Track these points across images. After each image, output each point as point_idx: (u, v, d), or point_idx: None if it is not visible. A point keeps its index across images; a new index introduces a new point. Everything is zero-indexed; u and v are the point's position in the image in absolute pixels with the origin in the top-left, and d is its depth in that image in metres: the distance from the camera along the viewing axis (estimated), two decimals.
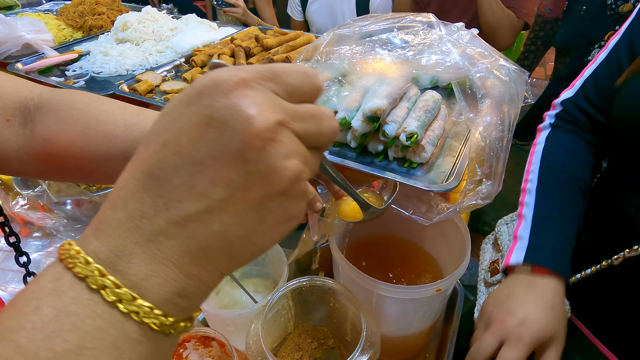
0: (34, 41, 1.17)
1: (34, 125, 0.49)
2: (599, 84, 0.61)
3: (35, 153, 0.50)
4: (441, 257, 0.84)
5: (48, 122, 0.49)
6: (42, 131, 0.49)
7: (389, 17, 0.68)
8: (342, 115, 0.76)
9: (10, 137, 0.49)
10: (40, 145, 0.49)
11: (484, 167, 0.59)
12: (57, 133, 0.49)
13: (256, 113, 0.19)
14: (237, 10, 1.78)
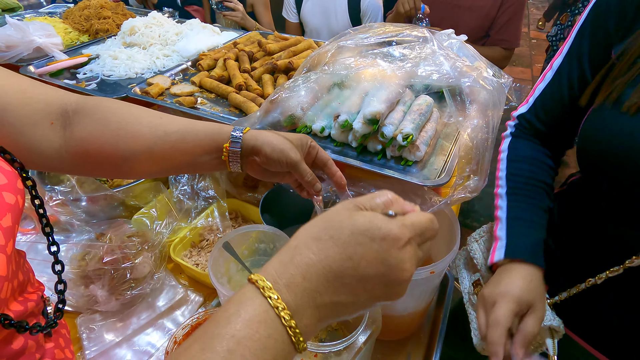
0: (44, 45, 1.22)
1: (73, 127, 0.57)
2: (546, 105, 0.70)
3: (74, 151, 0.58)
4: (433, 246, 0.92)
5: (85, 124, 0.57)
6: (80, 132, 0.57)
7: (387, 30, 0.76)
8: (344, 118, 0.84)
9: (53, 137, 0.57)
10: (78, 144, 0.58)
11: (471, 164, 0.67)
12: (93, 133, 0.57)
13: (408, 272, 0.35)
14: (237, 14, 1.84)
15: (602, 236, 0.66)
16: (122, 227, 0.90)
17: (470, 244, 0.81)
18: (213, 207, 1.04)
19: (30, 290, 0.50)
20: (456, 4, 1.70)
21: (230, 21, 1.90)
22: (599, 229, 0.66)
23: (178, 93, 1.07)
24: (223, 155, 0.60)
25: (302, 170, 0.60)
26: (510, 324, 0.58)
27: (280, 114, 0.82)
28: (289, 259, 0.34)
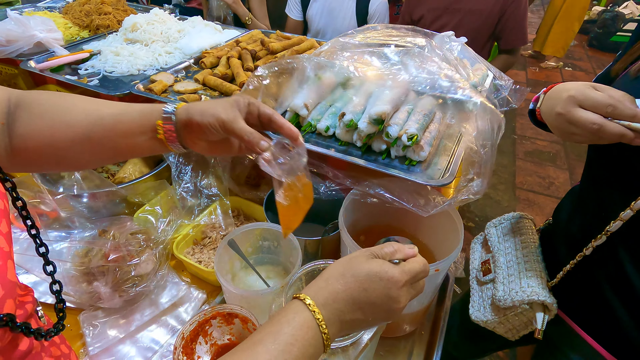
0: (45, 40, 1.21)
1: (14, 124, 0.56)
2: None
3: (17, 148, 0.56)
4: (435, 246, 0.94)
5: (23, 120, 0.56)
6: (19, 128, 0.56)
7: (391, 34, 0.77)
8: (349, 117, 0.85)
9: (3, 137, 0.55)
10: (19, 141, 0.56)
11: (475, 167, 0.68)
12: (31, 127, 0.56)
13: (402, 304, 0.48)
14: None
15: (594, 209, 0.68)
16: (126, 225, 0.90)
17: (488, 228, 0.87)
18: (216, 204, 1.04)
19: (21, 293, 0.48)
20: (456, 8, 1.72)
21: (221, 4, 1.88)
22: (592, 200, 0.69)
23: (181, 90, 1.07)
24: (158, 134, 0.57)
25: (239, 130, 0.55)
26: None
27: (286, 113, 0.83)
28: (324, 287, 0.48)
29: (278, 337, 0.43)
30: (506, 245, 0.90)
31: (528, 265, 0.76)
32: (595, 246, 0.63)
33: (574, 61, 5.23)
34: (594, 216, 0.67)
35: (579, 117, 0.54)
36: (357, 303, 0.46)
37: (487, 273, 0.82)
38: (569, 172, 3.18)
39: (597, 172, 0.68)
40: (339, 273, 0.48)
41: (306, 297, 0.46)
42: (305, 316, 0.45)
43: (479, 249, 0.99)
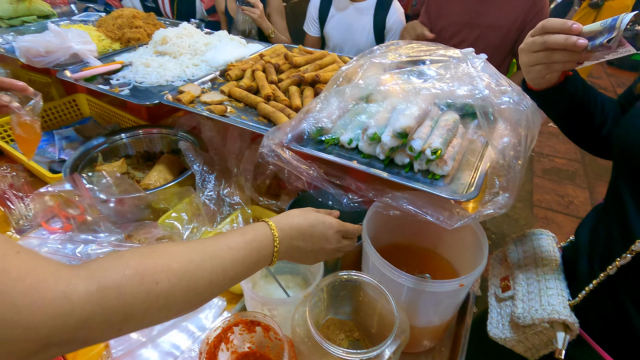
0: (81, 51, 1.27)
1: None
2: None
3: None
4: (457, 262, 0.93)
5: None
6: None
7: (420, 49, 0.78)
8: (373, 131, 0.86)
9: None
10: None
11: (502, 180, 0.68)
12: None
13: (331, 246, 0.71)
14: (255, 11, 1.89)
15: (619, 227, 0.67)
16: (153, 230, 0.92)
17: (508, 244, 0.87)
18: (237, 213, 1.06)
19: None
20: (476, 24, 1.73)
21: (247, 18, 1.95)
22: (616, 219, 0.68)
23: (208, 101, 1.10)
24: None
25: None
26: None
27: (312, 125, 0.85)
28: (284, 218, 0.66)
29: (244, 235, 0.57)
30: (526, 262, 0.89)
31: (549, 283, 0.74)
32: (619, 266, 0.62)
33: (593, 79, 5.17)
34: (618, 235, 0.66)
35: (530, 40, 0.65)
36: (303, 234, 0.66)
37: (506, 289, 0.80)
38: (588, 191, 3.11)
39: (621, 190, 0.67)
40: (296, 213, 0.69)
41: (269, 220, 0.63)
42: (266, 230, 0.61)
43: (498, 265, 0.98)
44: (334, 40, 2.11)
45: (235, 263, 0.53)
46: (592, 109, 0.78)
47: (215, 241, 0.54)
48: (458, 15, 1.74)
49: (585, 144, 0.88)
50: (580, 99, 0.76)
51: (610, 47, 0.58)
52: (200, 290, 0.48)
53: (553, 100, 0.77)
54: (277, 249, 0.61)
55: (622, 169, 0.67)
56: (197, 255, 0.49)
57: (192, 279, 0.47)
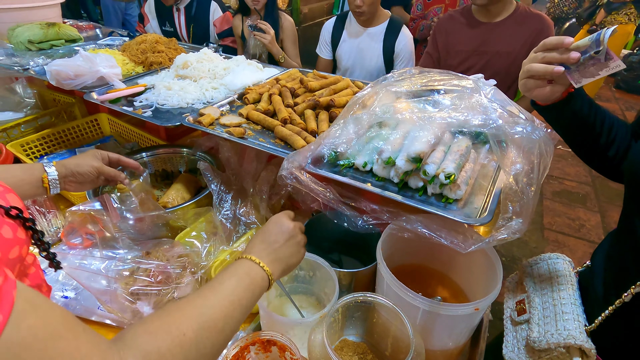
0: (107, 75, 1.33)
1: None
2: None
3: None
4: (468, 287, 0.94)
5: None
6: None
7: (434, 78, 0.82)
8: (388, 155, 0.89)
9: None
10: None
11: (515, 206, 0.70)
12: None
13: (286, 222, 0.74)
14: (266, 37, 1.97)
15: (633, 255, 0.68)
16: (172, 248, 0.95)
17: (524, 267, 0.88)
18: (252, 232, 1.09)
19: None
20: (483, 51, 1.78)
21: (258, 43, 2.04)
22: (630, 247, 0.69)
23: (227, 124, 1.14)
24: (44, 183, 0.83)
25: (107, 170, 0.94)
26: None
27: (330, 150, 0.88)
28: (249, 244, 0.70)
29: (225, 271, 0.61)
30: (542, 285, 0.89)
31: (565, 307, 0.75)
32: (635, 293, 0.63)
33: (601, 102, 5.19)
34: (632, 263, 0.67)
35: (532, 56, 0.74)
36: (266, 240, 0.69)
37: (522, 313, 0.81)
38: (600, 215, 3.08)
39: (634, 219, 0.69)
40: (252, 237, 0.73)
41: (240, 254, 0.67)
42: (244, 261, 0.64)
43: (514, 288, 0.98)
44: (345, 64, 2.17)
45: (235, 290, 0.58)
46: (598, 128, 0.80)
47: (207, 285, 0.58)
48: (466, 43, 1.79)
49: (592, 162, 0.90)
50: (584, 117, 0.79)
51: (600, 59, 0.64)
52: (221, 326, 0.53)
53: (557, 115, 0.81)
54: (263, 265, 0.64)
55: (634, 200, 0.69)
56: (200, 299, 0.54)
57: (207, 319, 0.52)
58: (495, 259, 0.78)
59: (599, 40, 0.63)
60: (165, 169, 1.41)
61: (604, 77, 4.56)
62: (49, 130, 1.58)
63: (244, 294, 0.58)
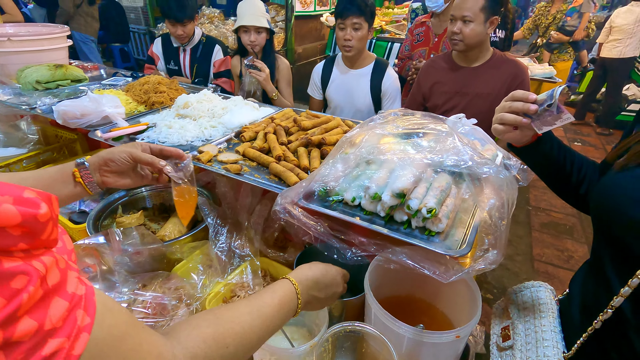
0: (112, 114, 1.42)
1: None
2: None
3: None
4: (454, 315, 0.98)
5: None
6: None
7: (414, 121, 0.91)
8: (374, 191, 0.96)
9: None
10: None
11: (490, 238, 0.76)
12: None
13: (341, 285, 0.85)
14: (261, 74, 2.09)
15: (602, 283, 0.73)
16: (170, 281, 0.98)
17: (509, 294, 0.93)
18: (247, 264, 1.13)
19: None
20: (464, 92, 1.92)
21: (254, 80, 2.17)
22: (600, 275, 0.74)
23: (224, 160, 1.22)
24: (77, 178, 0.78)
25: (143, 156, 0.83)
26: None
27: (320, 185, 0.95)
28: (301, 272, 0.76)
29: (274, 293, 0.68)
30: (526, 312, 0.94)
31: (545, 334, 0.79)
32: (603, 320, 0.68)
33: (583, 137, 5.43)
34: (602, 290, 0.72)
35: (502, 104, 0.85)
36: (318, 284, 0.76)
37: (507, 339, 0.85)
38: (587, 246, 3.14)
39: (601, 252, 0.75)
40: (308, 266, 0.79)
41: (290, 277, 0.73)
42: (290, 287, 0.71)
43: (500, 315, 1.02)
44: (335, 102, 2.30)
45: (273, 318, 0.64)
46: (568, 168, 0.89)
47: (255, 301, 0.64)
48: (448, 85, 1.93)
49: (567, 198, 0.98)
50: (555, 158, 0.88)
51: (553, 111, 0.75)
52: (253, 345, 0.60)
53: (530, 156, 0.91)
54: (300, 301, 0.71)
55: (599, 233, 0.76)
56: (248, 317, 0.61)
57: (246, 337, 0.58)
58: (475, 288, 0.83)
59: (552, 95, 0.73)
60: (163, 203, 1.46)
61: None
62: (50, 165, 1.64)
63: (278, 322, 0.66)
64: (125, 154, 0.82)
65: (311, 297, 0.75)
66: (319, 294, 0.76)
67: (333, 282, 0.80)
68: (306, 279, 0.74)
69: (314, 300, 0.76)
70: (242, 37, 2.19)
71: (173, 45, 2.55)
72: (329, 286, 0.78)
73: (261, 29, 2.16)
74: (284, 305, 0.67)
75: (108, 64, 6.04)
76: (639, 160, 0.65)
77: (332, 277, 0.80)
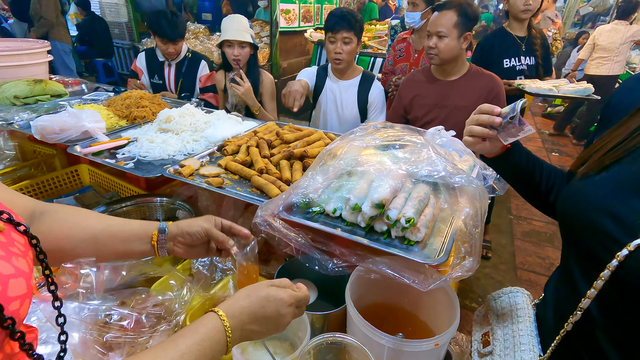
0: (92, 129, 1.40)
1: (37, 224, 0.75)
2: None
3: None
4: (434, 324, 0.99)
5: (47, 222, 0.76)
6: (41, 227, 0.75)
7: (390, 133, 0.94)
8: (354, 202, 0.97)
9: None
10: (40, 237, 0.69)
11: (466, 246, 0.78)
12: (52, 227, 0.76)
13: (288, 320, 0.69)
14: (239, 88, 2.11)
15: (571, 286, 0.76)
16: (147, 298, 0.97)
17: (488, 301, 0.92)
18: (229, 278, 1.12)
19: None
20: (443, 105, 1.98)
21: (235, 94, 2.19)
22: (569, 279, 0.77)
23: (206, 174, 1.22)
24: (152, 240, 0.81)
25: (216, 234, 0.84)
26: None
27: (300, 197, 0.96)
28: (233, 303, 0.66)
29: (195, 335, 0.60)
30: (504, 318, 0.96)
31: (522, 339, 0.81)
32: (574, 322, 0.70)
33: (560, 147, 5.62)
34: (571, 293, 0.75)
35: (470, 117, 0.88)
36: (256, 316, 0.66)
37: (487, 345, 0.86)
38: None
39: (568, 256, 0.78)
40: (246, 294, 0.68)
41: (219, 310, 0.64)
42: (216, 323, 0.62)
43: (480, 322, 1.04)
44: (324, 111, 2.33)
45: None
46: (537, 177, 0.93)
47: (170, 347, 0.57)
48: (428, 97, 1.99)
49: (538, 206, 1.01)
50: (524, 168, 0.92)
51: (515, 124, 0.80)
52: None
53: (501, 166, 0.94)
54: (230, 339, 0.62)
55: (566, 238, 0.79)
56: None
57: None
58: (454, 296, 0.85)
59: (514, 108, 0.77)
60: (144, 218, 1.44)
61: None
62: (28, 181, 1.60)
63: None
64: (202, 229, 0.84)
65: (246, 331, 0.65)
66: (258, 327, 0.66)
67: (275, 314, 0.67)
68: (240, 313, 0.64)
69: (251, 333, 0.66)
70: (226, 52, 2.22)
71: (158, 60, 2.56)
72: (270, 319, 0.66)
73: (245, 43, 2.19)
74: (206, 349, 0.59)
75: (91, 79, 5.99)
76: (598, 168, 0.69)
77: (274, 308, 0.67)
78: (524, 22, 2.47)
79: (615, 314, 0.65)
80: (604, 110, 0.81)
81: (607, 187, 0.65)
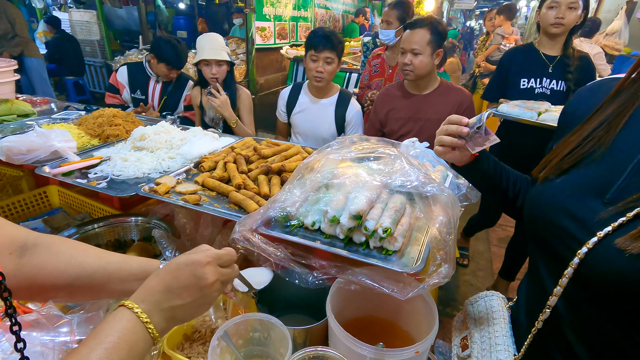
0: (61, 149, 1.36)
1: (29, 257, 0.70)
2: None
3: (24, 276, 0.69)
4: (415, 332, 1.00)
5: (40, 255, 0.71)
6: (34, 260, 0.70)
7: (365, 146, 0.97)
8: (332, 214, 0.98)
9: (7, 264, 0.68)
10: (30, 270, 0.69)
11: (441, 253, 0.81)
12: (47, 261, 0.71)
13: (209, 280, 0.61)
14: (215, 100, 2.13)
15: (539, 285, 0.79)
16: None
17: (466, 306, 0.93)
18: None
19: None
20: (417, 117, 2.05)
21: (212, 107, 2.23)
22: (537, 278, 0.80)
23: (183, 191, 1.20)
24: None
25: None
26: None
27: (278, 211, 0.96)
28: (141, 288, 0.59)
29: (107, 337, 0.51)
30: (481, 321, 0.98)
31: (498, 340, 0.83)
32: (543, 320, 0.73)
33: None
34: (540, 292, 0.78)
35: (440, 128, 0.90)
36: (171, 290, 0.59)
37: (465, 349, 0.88)
38: None
39: (533, 253, 0.82)
40: (155, 273, 0.61)
41: (126, 301, 0.57)
42: (126, 314, 0.55)
43: (459, 326, 1.06)
44: (300, 128, 2.36)
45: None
46: (504, 184, 0.97)
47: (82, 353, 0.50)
48: (402, 111, 2.06)
49: (506, 211, 1.06)
50: (492, 175, 0.96)
51: (482, 133, 0.84)
52: None
53: (470, 174, 0.98)
54: (151, 326, 0.55)
55: (532, 240, 0.83)
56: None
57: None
58: (432, 303, 0.86)
59: (480, 119, 0.81)
60: (118, 239, 1.39)
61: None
62: None
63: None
64: None
65: (169, 310, 0.57)
66: (180, 301, 0.58)
67: (193, 278, 0.59)
68: (150, 294, 0.57)
69: (179, 311, 0.59)
70: (204, 70, 2.22)
71: (145, 75, 2.57)
72: (189, 287, 0.59)
73: (222, 61, 2.20)
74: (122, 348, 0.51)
75: (61, 98, 5.81)
76: (557, 172, 0.73)
77: (189, 273, 0.59)
78: (556, 39, 2.06)
79: (581, 310, 0.68)
80: (561, 119, 0.86)
81: (566, 189, 0.70)
